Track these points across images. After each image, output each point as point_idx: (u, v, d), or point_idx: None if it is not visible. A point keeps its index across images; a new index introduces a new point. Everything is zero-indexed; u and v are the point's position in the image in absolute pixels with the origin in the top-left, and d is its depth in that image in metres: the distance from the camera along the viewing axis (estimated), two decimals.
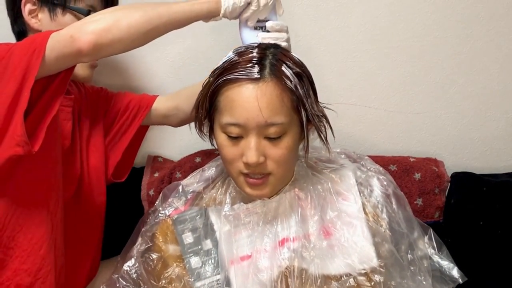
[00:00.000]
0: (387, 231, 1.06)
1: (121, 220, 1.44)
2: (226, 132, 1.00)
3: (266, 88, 0.97)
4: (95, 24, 1.01)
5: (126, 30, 1.01)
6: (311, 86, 1.03)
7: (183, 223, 1.08)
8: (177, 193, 1.15)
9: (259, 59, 0.99)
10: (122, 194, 1.48)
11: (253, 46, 1.03)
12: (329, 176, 1.10)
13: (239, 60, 1.00)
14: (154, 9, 1.05)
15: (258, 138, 0.98)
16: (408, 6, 1.50)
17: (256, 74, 0.97)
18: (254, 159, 0.97)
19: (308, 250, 1.02)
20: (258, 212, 1.06)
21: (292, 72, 0.99)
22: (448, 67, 1.55)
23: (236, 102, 0.97)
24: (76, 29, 1.01)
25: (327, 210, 1.05)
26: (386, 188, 1.10)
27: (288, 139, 1.00)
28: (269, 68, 0.98)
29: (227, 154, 1.02)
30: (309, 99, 1.01)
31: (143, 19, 1.03)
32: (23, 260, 1.11)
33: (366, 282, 0.99)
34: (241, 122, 0.97)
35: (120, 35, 1.01)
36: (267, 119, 0.96)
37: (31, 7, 1.18)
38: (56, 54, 1.00)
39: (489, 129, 1.61)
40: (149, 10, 1.04)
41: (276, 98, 0.97)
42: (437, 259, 1.13)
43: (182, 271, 1.06)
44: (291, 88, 0.98)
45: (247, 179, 1.02)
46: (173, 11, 1.06)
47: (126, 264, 1.08)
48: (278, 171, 1.01)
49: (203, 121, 1.07)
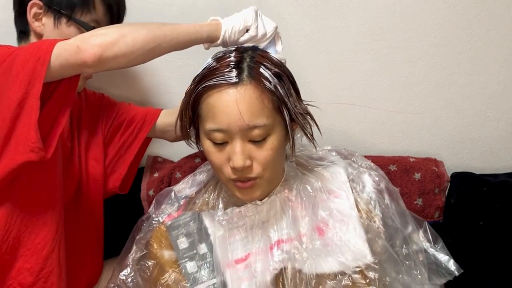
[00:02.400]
0: (380, 227, 1.05)
1: (121, 220, 1.44)
2: (210, 139, 1.00)
3: (245, 91, 0.97)
4: (102, 37, 1.03)
5: (131, 45, 1.03)
6: (292, 85, 1.03)
7: (177, 229, 1.08)
8: (170, 199, 1.14)
9: (237, 62, 0.99)
10: (121, 194, 1.48)
11: (231, 50, 1.04)
12: (320, 174, 1.10)
13: (217, 66, 1.00)
14: (159, 28, 1.07)
15: (243, 142, 0.98)
16: (408, 6, 1.51)
17: (234, 78, 0.97)
18: (240, 163, 0.97)
19: (300, 251, 1.01)
20: (251, 216, 1.05)
21: (271, 73, 0.99)
22: (448, 67, 1.55)
23: (217, 108, 0.98)
24: (83, 41, 1.02)
25: (318, 210, 1.05)
26: (378, 184, 1.09)
27: (273, 140, 0.99)
28: (247, 71, 0.98)
29: (214, 160, 1.02)
30: (291, 98, 1.01)
31: (148, 36, 1.05)
32: (27, 259, 1.12)
33: (361, 279, 0.99)
34: (224, 127, 0.97)
35: (125, 49, 1.03)
36: (248, 122, 0.96)
37: (37, 11, 1.18)
38: (61, 62, 1.02)
39: (489, 129, 1.60)
40: (154, 29, 1.07)
41: (256, 100, 0.97)
42: (433, 252, 1.12)
43: (179, 277, 1.05)
44: (271, 89, 0.98)
45: (237, 184, 1.02)
46: (177, 31, 1.09)
47: (121, 273, 1.08)
48: (266, 173, 1.01)
49: (188, 129, 1.07)
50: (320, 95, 1.08)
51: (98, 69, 1.05)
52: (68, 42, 1.03)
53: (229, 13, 1.17)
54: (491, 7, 1.50)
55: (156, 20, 1.50)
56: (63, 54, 1.02)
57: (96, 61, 1.01)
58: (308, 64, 1.53)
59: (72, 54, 1.01)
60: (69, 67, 1.03)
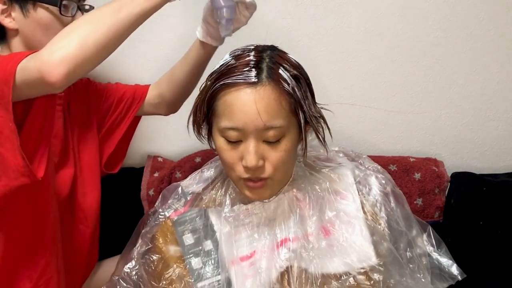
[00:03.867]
0: (385, 230, 1.05)
1: (120, 220, 1.45)
2: (225, 136, 1.00)
3: (264, 92, 0.96)
4: (61, 52, 0.94)
5: (95, 49, 0.97)
6: (308, 88, 1.03)
7: (183, 224, 1.08)
8: (177, 194, 1.15)
9: (256, 62, 0.98)
10: (121, 194, 1.49)
11: (250, 49, 1.03)
12: (327, 175, 1.10)
13: (236, 64, 0.99)
14: (115, 16, 1.00)
15: (257, 141, 0.98)
16: (408, 6, 1.51)
17: (253, 78, 0.96)
18: (253, 162, 0.97)
19: (307, 250, 1.01)
20: (257, 213, 1.05)
21: (290, 75, 0.99)
22: (448, 67, 1.55)
23: (235, 106, 0.97)
24: (43, 63, 0.94)
25: (326, 210, 1.05)
26: (385, 187, 1.10)
27: (287, 141, 0.99)
28: (267, 71, 0.98)
29: (226, 158, 1.01)
30: (307, 101, 1.00)
31: (109, 31, 0.98)
32: (26, 268, 1.12)
33: (366, 281, 0.99)
34: (240, 126, 0.97)
35: (90, 56, 0.97)
36: (265, 122, 0.96)
37: (2, 7, 1.12)
38: (28, 86, 0.98)
39: (489, 129, 1.61)
40: (111, 19, 0.99)
41: (274, 101, 0.97)
42: (436, 256, 1.12)
43: (183, 272, 1.05)
44: (289, 91, 0.98)
45: (247, 183, 1.01)
46: (134, 12, 1.01)
47: (126, 266, 1.08)
48: (277, 173, 1.01)
49: (202, 125, 1.06)
50: (320, 95, 1.08)
51: (69, 84, 0.99)
52: (29, 67, 0.96)
53: None
54: (491, 7, 1.50)
55: (156, 20, 1.49)
56: (27, 79, 0.97)
57: (65, 79, 0.95)
58: (308, 64, 1.53)
59: (37, 80, 0.95)
60: (38, 91, 1.00)
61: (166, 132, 1.59)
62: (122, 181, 1.52)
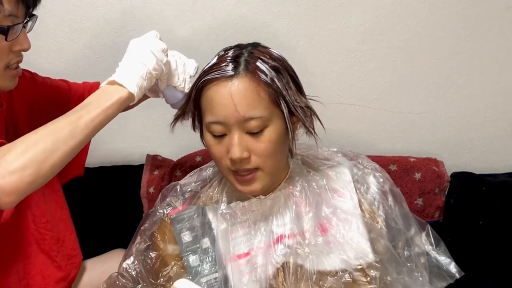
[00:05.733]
0: (383, 228, 1.06)
1: (121, 218, 1.45)
2: (210, 131, 1.02)
3: (240, 83, 0.98)
4: (14, 178, 0.87)
5: (50, 173, 0.92)
6: (292, 79, 1.04)
7: (181, 222, 1.09)
8: (175, 192, 1.16)
9: (234, 57, 1.01)
10: (121, 191, 1.49)
11: (231, 47, 1.06)
12: (325, 173, 1.10)
13: (216, 61, 1.02)
14: (71, 134, 0.93)
15: (240, 133, 1.00)
16: (408, 6, 1.51)
17: (230, 71, 0.99)
18: (237, 154, 0.98)
19: (303, 246, 1.02)
20: (254, 210, 1.06)
21: (268, 66, 1.00)
22: (448, 67, 1.55)
23: (215, 101, 1.00)
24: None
25: (322, 207, 1.05)
26: (383, 185, 1.10)
27: (271, 132, 1.00)
28: (244, 64, 1.00)
29: (214, 152, 1.04)
30: (290, 91, 1.01)
31: (67, 150, 0.93)
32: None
33: (362, 277, 1.00)
34: (221, 119, 0.99)
35: (44, 179, 0.92)
36: (244, 114, 0.98)
37: None
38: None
39: (489, 129, 1.61)
40: (67, 138, 0.93)
41: (252, 92, 0.98)
42: (434, 255, 1.13)
43: (181, 269, 1.06)
44: (267, 81, 0.99)
45: (236, 176, 1.03)
46: (90, 126, 0.96)
47: (125, 262, 1.09)
48: (265, 165, 1.02)
49: (194, 124, 1.09)
50: (320, 95, 1.08)
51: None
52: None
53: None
54: (491, 7, 1.51)
55: (156, 20, 1.50)
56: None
57: (15, 203, 0.90)
58: (308, 64, 1.54)
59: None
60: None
61: (166, 131, 1.59)
62: (121, 178, 1.53)
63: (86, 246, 1.31)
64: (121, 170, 1.54)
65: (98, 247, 1.42)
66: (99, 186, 1.51)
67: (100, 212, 1.49)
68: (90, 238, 1.39)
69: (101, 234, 1.47)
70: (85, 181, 1.47)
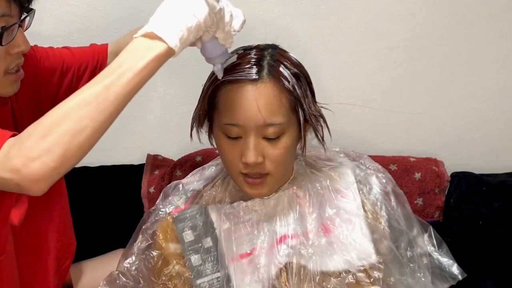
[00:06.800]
0: (386, 228, 1.06)
1: (121, 217, 1.45)
2: (225, 133, 1.01)
3: (265, 89, 0.97)
4: (39, 165, 0.78)
5: (79, 154, 0.81)
6: (308, 87, 1.04)
7: (183, 221, 1.09)
8: (178, 191, 1.15)
9: (257, 60, 1.00)
10: (122, 191, 1.49)
11: (251, 47, 1.04)
12: (328, 173, 1.10)
13: (237, 62, 1.00)
14: (99, 108, 0.79)
15: (257, 138, 0.99)
16: (408, 6, 1.51)
17: (254, 75, 0.97)
18: (252, 159, 0.98)
19: (306, 247, 1.02)
20: (257, 210, 1.06)
21: (290, 73, 1.00)
22: (448, 67, 1.55)
23: (235, 103, 0.98)
24: (21, 178, 0.79)
25: (326, 208, 1.06)
26: (385, 186, 1.10)
27: (286, 139, 1.00)
28: (267, 68, 0.99)
29: (226, 154, 1.02)
30: (307, 99, 1.01)
31: (94, 130, 0.80)
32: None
33: (365, 278, 1.00)
34: (240, 122, 0.98)
35: (73, 162, 0.81)
36: (265, 119, 0.97)
37: None
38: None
39: (489, 129, 1.61)
40: (92, 112, 0.79)
41: (274, 98, 0.98)
42: (436, 256, 1.13)
43: (182, 268, 1.06)
44: (289, 88, 0.99)
45: (246, 179, 1.02)
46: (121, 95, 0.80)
47: (126, 261, 1.09)
48: (276, 171, 1.02)
49: (203, 121, 1.07)
50: (320, 95, 1.08)
51: None
52: (5, 177, 0.80)
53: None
54: (491, 7, 1.51)
55: None
56: (3, 187, 0.83)
57: (46, 189, 0.81)
58: (308, 64, 1.53)
59: (15, 189, 0.82)
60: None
61: (166, 131, 1.60)
62: (122, 178, 1.53)
63: (86, 246, 1.32)
64: (121, 170, 1.53)
65: (99, 247, 1.42)
66: (99, 186, 1.51)
67: (101, 212, 1.49)
68: (90, 238, 1.39)
69: (101, 234, 1.47)
70: (85, 181, 1.48)
